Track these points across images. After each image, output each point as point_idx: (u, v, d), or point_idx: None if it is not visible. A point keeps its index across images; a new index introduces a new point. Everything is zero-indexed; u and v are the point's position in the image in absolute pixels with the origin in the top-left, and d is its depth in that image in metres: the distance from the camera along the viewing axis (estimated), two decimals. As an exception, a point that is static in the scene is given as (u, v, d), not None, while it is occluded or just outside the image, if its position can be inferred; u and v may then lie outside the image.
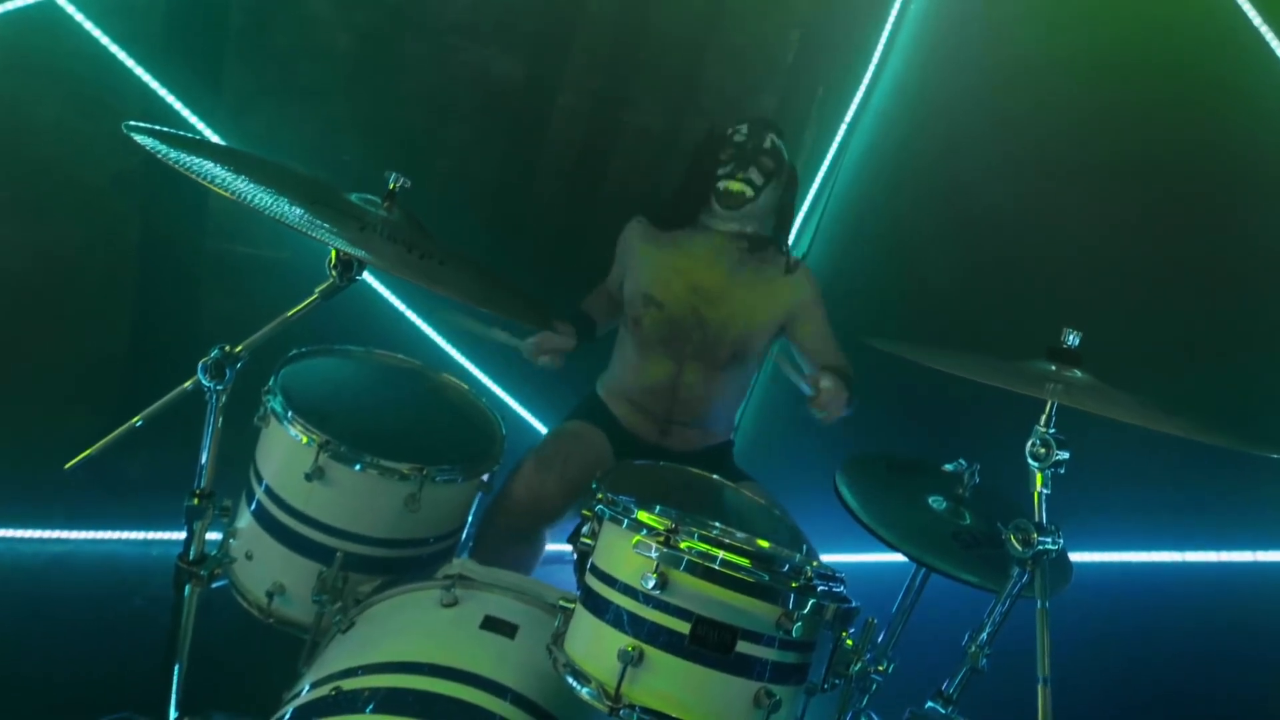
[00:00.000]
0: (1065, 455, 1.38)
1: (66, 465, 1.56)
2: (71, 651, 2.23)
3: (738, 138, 2.37)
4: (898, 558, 1.62)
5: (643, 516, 1.30)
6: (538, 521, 2.16)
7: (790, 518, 1.88)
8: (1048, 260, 2.75)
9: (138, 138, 1.42)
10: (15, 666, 2.14)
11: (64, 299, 2.68)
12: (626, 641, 1.26)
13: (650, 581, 1.24)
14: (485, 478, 1.79)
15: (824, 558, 1.69)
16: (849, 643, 1.40)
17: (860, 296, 2.98)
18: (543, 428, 3.19)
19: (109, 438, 1.55)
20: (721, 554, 1.24)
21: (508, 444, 1.86)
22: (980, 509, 1.73)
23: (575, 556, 1.40)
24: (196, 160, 1.42)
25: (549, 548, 2.25)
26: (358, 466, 1.63)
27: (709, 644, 1.23)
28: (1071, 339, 1.52)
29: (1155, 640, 2.35)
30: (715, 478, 1.91)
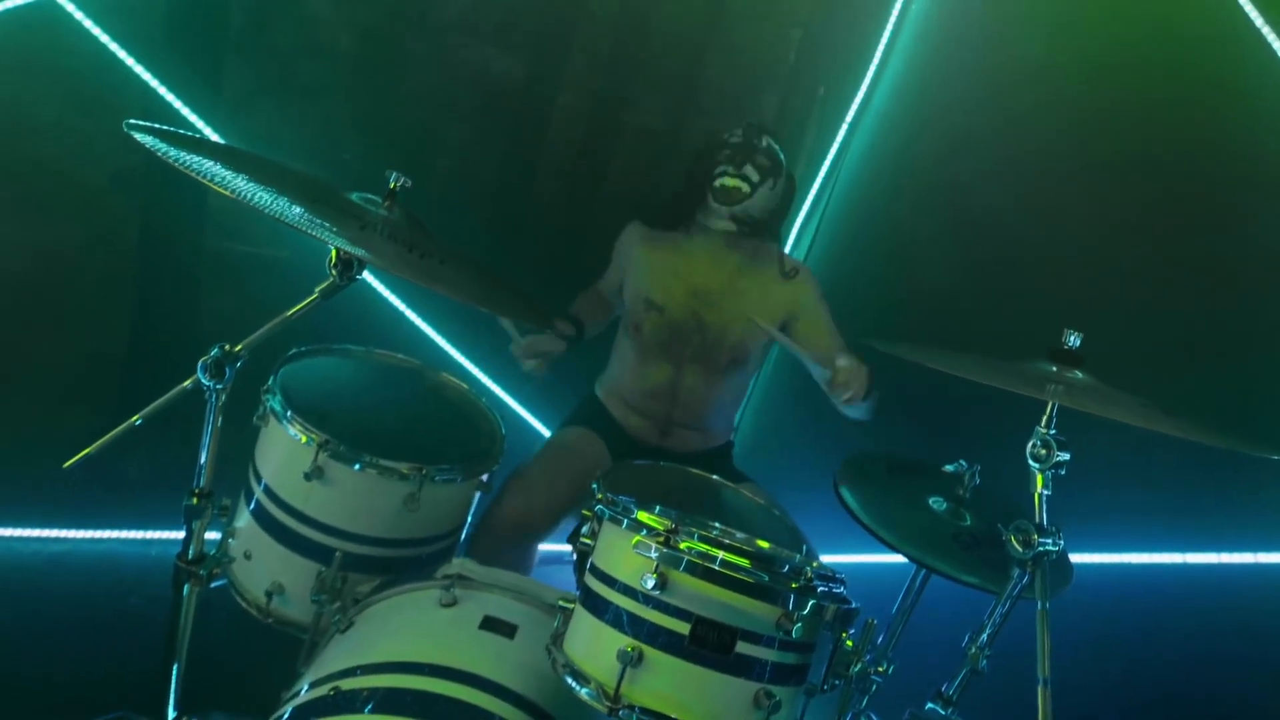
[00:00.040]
0: (1066, 456, 1.38)
1: (65, 464, 1.56)
2: (70, 650, 2.22)
3: (733, 139, 2.37)
4: (898, 559, 1.62)
5: (642, 517, 1.30)
6: (524, 540, 2.15)
7: (790, 518, 1.87)
8: (1048, 260, 2.75)
9: (138, 136, 1.42)
10: (14, 665, 2.14)
11: (63, 297, 2.68)
12: (626, 642, 1.25)
13: (650, 582, 1.23)
14: (485, 477, 1.79)
15: (824, 558, 1.69)
16: (849, 644, 1.40)
17: (861, 297, 2.98)
18: (543, 427, 3.19)
19: (108, 436, 1.55)
20: (721, 554, 1.24)
21: (507, 444, 1.86)
22: (981, 510, 1.73)
23: (575, 556, 1.39)
24: (196, 159, 1.42)
25: (549, 548, 2.25)
26: (357, 466, 1.63)
27: (709, 644, 1.23)
28: (1072, 340, 1.52)
29: (1156, 642, 2.35)
30: (715, 478, 1.91)
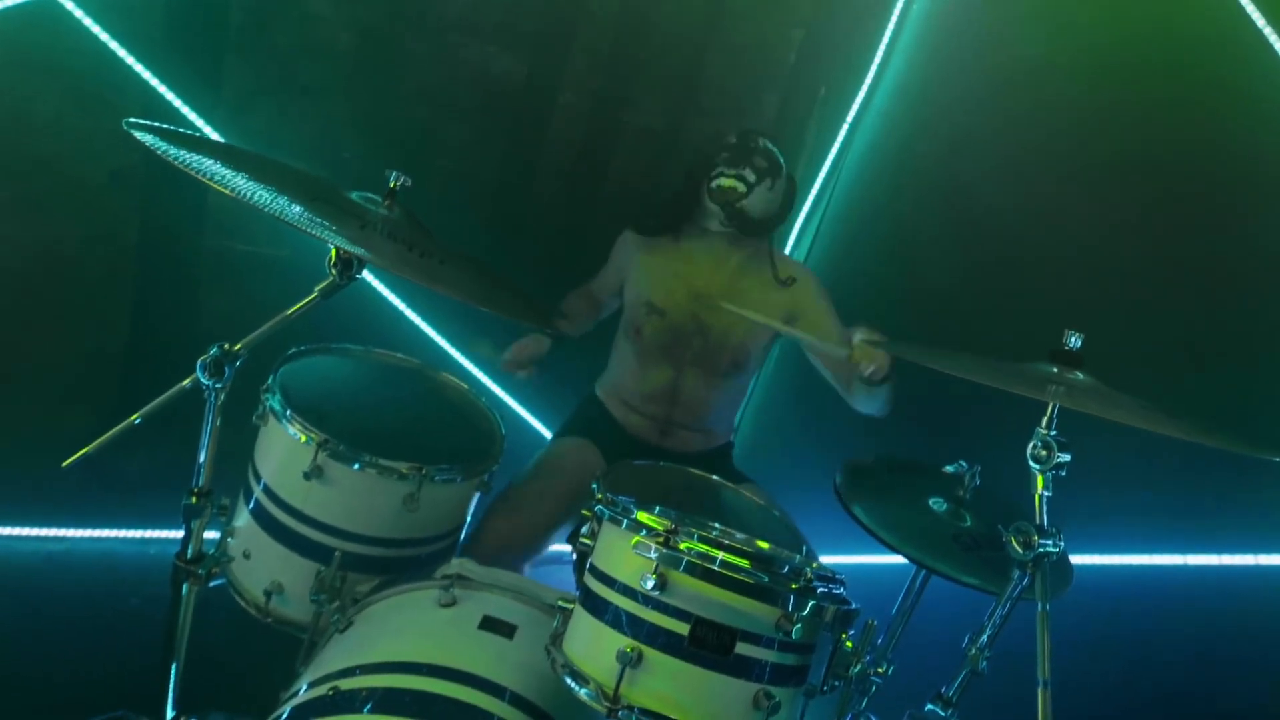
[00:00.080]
0: (1067, 458, 1.37)
1: (64, 463, 1.56)
2: (68, 649, 2.22)
3: (731, 140, 2.37)
4: (898, 559, 1.62)
5: (642, 517, 1.29)
6: (512, 563, 2.11)
7: (790, 519, 1.87)
8: (1049, 260, 2.74)
9: (137, 134, 1.42)
10: (12, 664, 2.13)
11: (62, 296, 2.67)
12: (625, 642, 1.25)
13: (649, 582, 1.23)
14: (485, 477, 1.79)
15: (824, 559, 1.68)
16: (849, 645, 1.40)
17: (861, 297, 2.96)
18: (542, 428, 3.19)
19: (107, 435, 1.55)
20: (721, 555, 1.23)
21: (507, 444, 1.86)
22: (981, 511, 1.73)
23: (574, 557, 1.39)
24: (196, 157, 1.42)
25: (549, 548, 2.24)
26: (356, 465, 1.62)
27: (708, 645, 1.23)
28: (1074, 341, 1.51)
29: (1156, 643, 2.35)
30: (715, 479, 1.90)
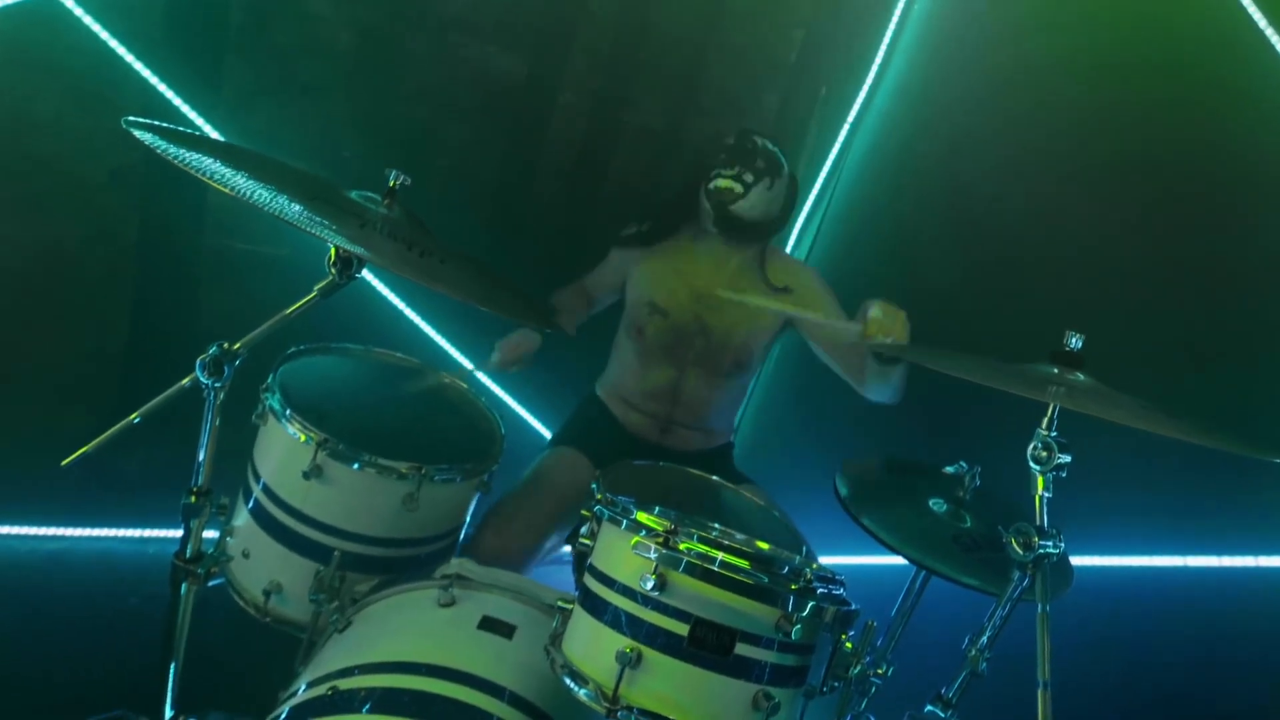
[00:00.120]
0: (1067, 459, 1.37)
1: (63, 462, 1.56)
2: (67, 649, 2.22)
3: (730, 141, 2.36)
4: (898, 560, 1.62)
5: (642, 517, 1.29)
6: (510, 569, 2.12)
7: (790, 520, 1.87)
8: (1050, 261, 2.74)
9: (137, 133, 1.41)
10: (11, 663, 2.13)
11: (62, 295, 2.67)
12: (625, 643, 1.25)
13: (649, 583, 1.23)
14: (484, 477, 1.78)
15: (823, 560, 1.68)
16: (848, 645, 1.40)
17: (862, 297, 2.96)
18: (542, 428, 3.18)
19: (106, 435, 1.55)
20: (721, 555, 1.23)
21: (507, 444, 1.86)
22: (981, 512, 1.73)
23: (573, 557, 1.39)
24: (196, 156, 1.42)
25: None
26: (356, 465, 1.62)
27: (708, 646, 1.23)
28: (1075, 342, 1.51)
29: (1156, 645, 2.35)
30: (715, 479, 1.90)
